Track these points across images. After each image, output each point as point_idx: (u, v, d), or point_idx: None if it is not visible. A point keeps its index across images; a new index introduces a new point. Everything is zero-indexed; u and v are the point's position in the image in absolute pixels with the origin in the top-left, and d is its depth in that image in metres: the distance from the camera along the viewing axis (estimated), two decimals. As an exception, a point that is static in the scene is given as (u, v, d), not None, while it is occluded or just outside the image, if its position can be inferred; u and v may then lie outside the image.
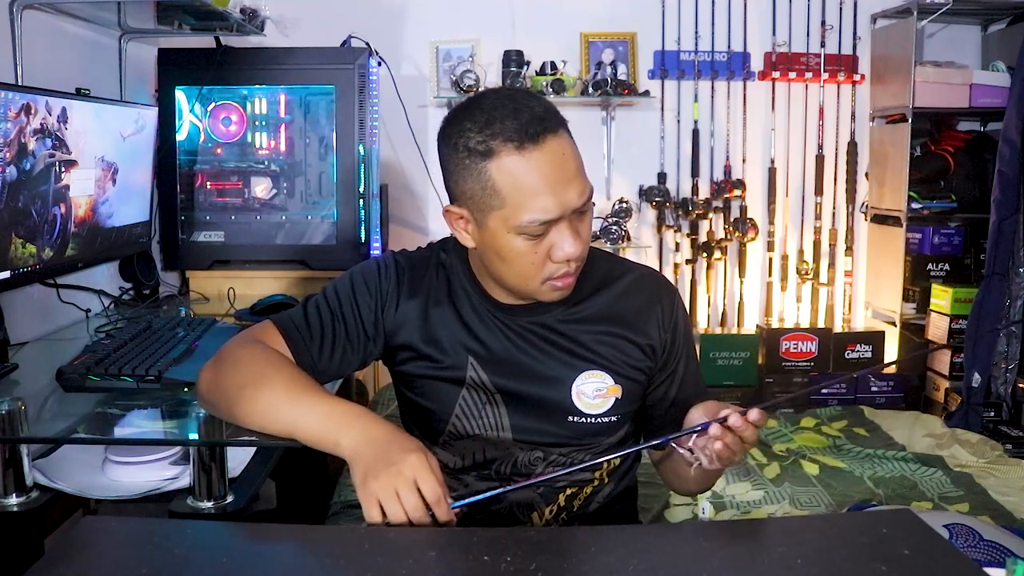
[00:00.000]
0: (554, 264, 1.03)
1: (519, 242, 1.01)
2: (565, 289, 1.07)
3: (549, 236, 1.02)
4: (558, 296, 1.08)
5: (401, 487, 0.90)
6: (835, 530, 0.96)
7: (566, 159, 1.00)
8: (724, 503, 2.18)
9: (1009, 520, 2.01)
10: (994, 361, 2.98)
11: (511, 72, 3.09)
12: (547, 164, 0.98)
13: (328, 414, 0.99)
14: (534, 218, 0.99)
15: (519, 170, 0.98)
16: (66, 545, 0.84)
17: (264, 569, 0.83)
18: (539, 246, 1.02)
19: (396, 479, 0.90)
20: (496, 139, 0.98)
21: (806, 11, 3.33)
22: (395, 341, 1.14)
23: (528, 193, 0.98)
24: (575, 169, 1.01)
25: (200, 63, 2.45)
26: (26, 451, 1.16)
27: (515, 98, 1.01)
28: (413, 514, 0.89)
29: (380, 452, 0.93)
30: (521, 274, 1.04)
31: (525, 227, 1.00)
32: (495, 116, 0.99)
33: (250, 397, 1.02)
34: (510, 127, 0.98)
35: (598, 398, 1.11)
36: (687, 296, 3.40)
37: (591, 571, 0.83)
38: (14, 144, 1.52)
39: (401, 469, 0.91)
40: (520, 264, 1.03)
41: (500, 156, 0.98)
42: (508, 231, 1.01)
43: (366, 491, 0.91)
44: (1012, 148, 2.87)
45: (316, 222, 2.57)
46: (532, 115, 0.99)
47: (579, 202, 1.01)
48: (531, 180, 0.98)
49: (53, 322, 1.98)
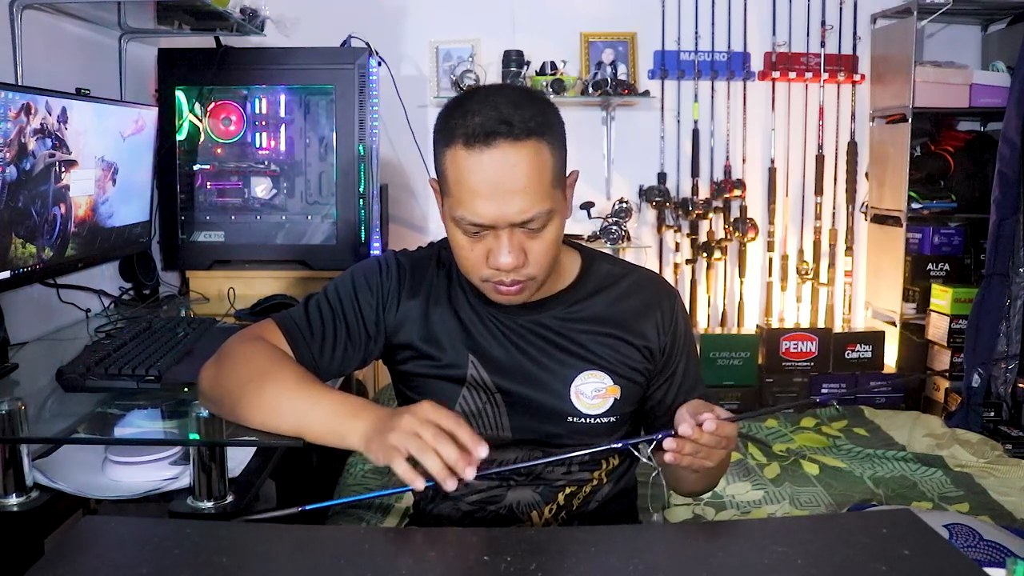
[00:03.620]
0: (489, 269, 1.03)
1: (459, 234, 1.03)
2: (510, 296, 1.06)
3: (487, 240, 1.02)
4: (503, 301, 1.07)
5: (418, 427, 0.90)
6: (835, 530, 0.96)
7: (515, 171, 0.97)
8: (724, 503, 2.18)
9: (1009, 520, 2.01)
10: (994, 361, 2.98)
11: (511, 72, 3.09)
12: (491, 169, 0.97)
13: (334, 407, 1.00)
14: (464, 216, 1.00)
15: (463, 166, 0.99)
16: (66, 545, 0.84)
17: (264, 569, 0.83)
18: (477, 245, 1.02)
19: (411, 423, 0.91)
20: (455, 131, 0.99)
21: (806, 11, 3.33)
22: (396, 340, 1.14)
23: (466, 191, 0.99)
24: (523, 183, 0.98)
25: (200, 63, 2.45)
26: (26, 451, 1.16)
27: (500, 96, 1.00)
28: (436, 442, 0.89)
29: (383, 423, 0.95)
30: (462, 264, 1.06)
31: (459, 221, 1.01)
32: (468, 109, 0.99)
33: (254, 393, 1.03)
34: (470, 123, 0.98)
35: (597, 398, 1.11)
36: (687, 296, 3.40)
37: (591, 571, 0.83)
38: (14, 144, 1.52)
39: (414, 414, 0.92)
40: (460, 255, 1.05)
41: (454, 147, 0.99)
42: (450, 219, 1.03)
43: (387, 449, 0.90)
44: (1012, 148, 2.87)
45: (316, 222, 2.57)
46: (499, 117, 0.97)
47: (518, 217, 0.99)
48: (470, 180, 0.98)
49: (53, 322, 1.98)
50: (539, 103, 1.02)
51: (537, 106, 1.01)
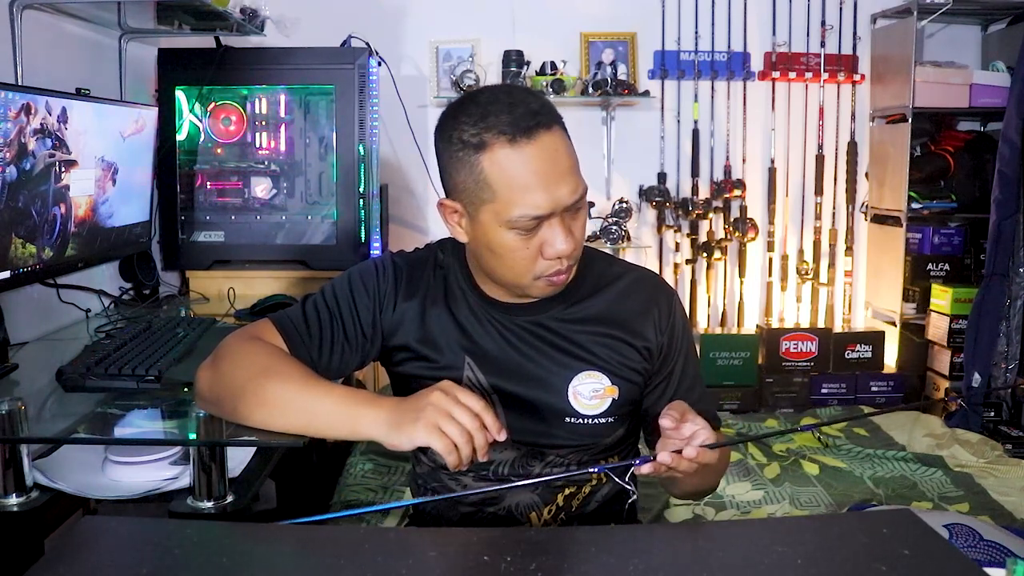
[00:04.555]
0: (546, 261, 1.03)
1: (510, 237, 1.01)
2: (559, 286, 1.07)
3: (540, 232, 1.01)
4: (551, 292, 1.08)
5: (452, 407, 0.94)
6: (835, 530, 0.96)
7: (559, 155, 1.00)
8: (724, 503, 2.18)
9: (1009, 520, 2.01)
10: (994, 361, 2.98)
11: (511, 72, 3.09)
12: (539, 159, 0.98)
13: (345, 399, 1.00)
14: (524, 213, 0.99)
15: (511, 163, 0.98)
16: (66, 545, 0.84)
17: (264, 569, 0.83)
18: (530, 242, 1.02)
19: (445, 402, 0.94)
20: (489, 132, 0.98)
21: (806, 11, 3.33)
22: (392, 342, 1.14)
23: (519, 187, 0.98)
24: (568, 166, 1.01)
25: (200, 63, 2.44)
26: (26, 451, 1.16)
27: (511, 93, 1.02)
28: (470, 423, 0.93)
29: (408, 404, 0.97)
30: (513, 269, 1.04)
31: (516, 221, 1.00)
32: (490, 110, 0.99)
33: (257, 391, 1.02)
34: (504, 120, 0.98)
35: (595, 399, 1.11)
36: (687, 296, 3.40)
37: (591, 571, 0.83)
38: (14, 144, 1.52)
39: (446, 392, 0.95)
40: (511, 259, 1.03)
41: (493, 149, 0.98)
42: (499, 225, 1.01)
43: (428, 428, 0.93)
44: (1012, 148, 2.87)
45: (316, 222, 2.57)
46: (527, 109, 0.98)
47: (571, 199, 1.00)
48: (522, 174, 0.98)
49: (53, 322, 1.98)
50: (539, 95, 1.05)
51: (541, 97, 1.03)
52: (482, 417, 0.94)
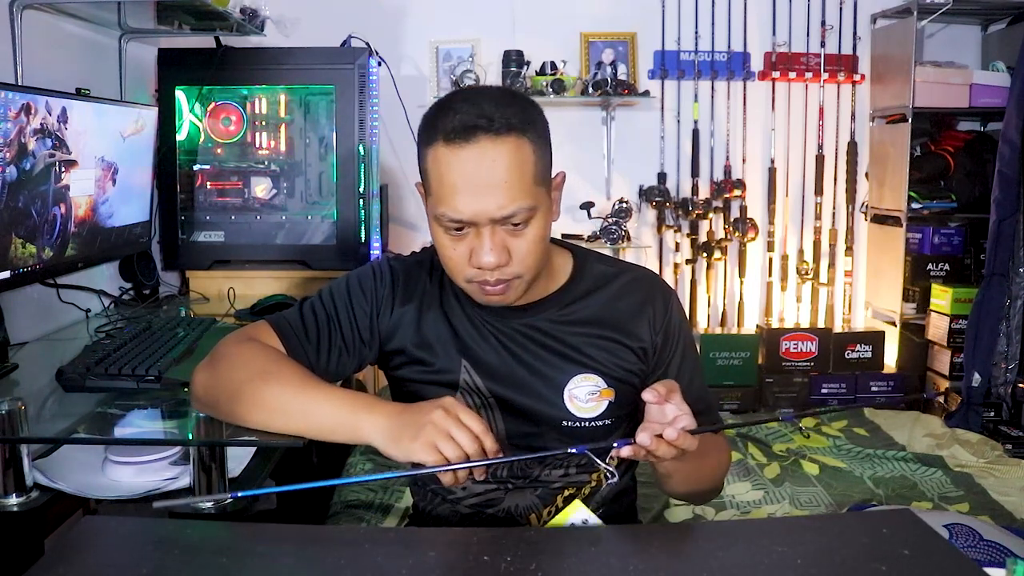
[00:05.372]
0: (472, 269, 1.02)
1: (441, 233, 1.03)
2: (495, 297, 1.05)
3: (469, 238, 1.01)
4: (489, 302, 1.07)
5: (452, 427, 0.92)
6: (835, 530, 0.96)
7: (495, 165, 0.97)
8: (724, 503, 2.18)
9: (1009, 520, 2.01)
10: (994, 361, 2.98)
11: (511, 72, 3.09)
12: (470, 164, 0.97)
13: (344, 402, 1.00)
14: (445, 213, 1.00)
15: (444, 162, 0.99)
16: (66, 545, 0.84)
17: (264, 569, 0.83)
18: (459, 244, 1.02)
19: (445, 422, 0.93)
20: (436, 129, 0.99)
21: (806, 11, 3.33)
22: (389, 346, 1.14)
23: (446, 187, 0.99)
24: (502, 179, 0.97)
25: (200, 63, 2.45)
26: (26, 451, 1.16)
27: (481, 94, 1.01)
28: (470, 447, 0.92)
29: (409, 417, 0.96)
30: (447, 266, 1.06)
31: (440, 219, 1.01)
32: (448, 108, 1.00)
33: (255, 393, 1.02)
34: (450, 120, 0.98)
35: (591, 401, 1.10)
36: (687, 296, 3.40)
37: (591, 571, 0.83)
38: (14, 144, 1.52)
39: (446, 411, 0.94)
40: (444, 256, 1.05)
41: (435, 145, 1.00)
42: (433, 219, 1.03)
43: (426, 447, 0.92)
44: (1012, 148, 2.87)
45: (316, 222, 2.57)
46: (479, 112, 0.97)
47: (497, 213, 0.98)
48: (448, 175, 0.99)
49: (53, 322, 1.98)
50: (521, 101, 1.02)
51: (519, 104, 1.01)
52: (482, 440, 0.93)
